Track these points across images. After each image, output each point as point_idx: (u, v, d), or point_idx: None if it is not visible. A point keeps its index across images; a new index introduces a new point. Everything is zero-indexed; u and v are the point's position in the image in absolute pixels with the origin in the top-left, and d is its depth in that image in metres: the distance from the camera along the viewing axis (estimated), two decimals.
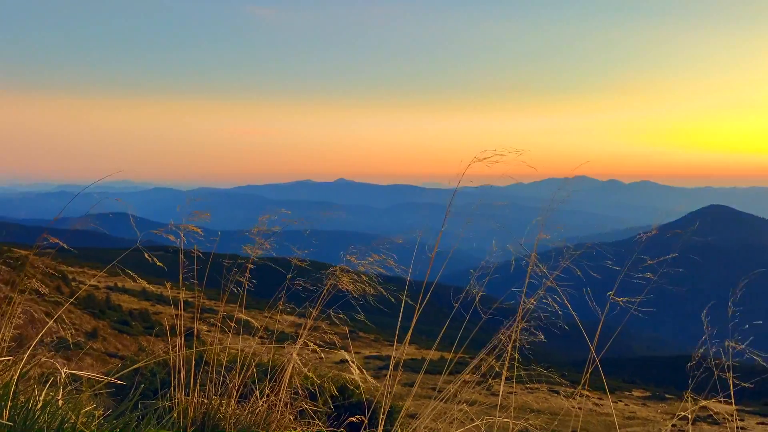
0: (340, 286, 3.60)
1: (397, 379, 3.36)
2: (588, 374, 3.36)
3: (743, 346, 3.18)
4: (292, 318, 4.06)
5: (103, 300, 35.79)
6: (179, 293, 3.62)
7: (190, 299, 3.82)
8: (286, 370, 3.52)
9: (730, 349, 3.23)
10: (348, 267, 3.61)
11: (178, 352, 3.40)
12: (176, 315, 3.54)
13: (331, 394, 3.92)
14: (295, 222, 3.93)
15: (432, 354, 4.52)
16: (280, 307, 3.89)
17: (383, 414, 3.16)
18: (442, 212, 3.40)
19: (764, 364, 3.21)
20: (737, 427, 3.78)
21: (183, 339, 3.49)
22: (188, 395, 3.36)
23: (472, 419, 3.38)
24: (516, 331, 3.31)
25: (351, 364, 3.26)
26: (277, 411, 3.48)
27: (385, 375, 3.38)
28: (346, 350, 3.70)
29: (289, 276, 3.77)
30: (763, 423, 25.13)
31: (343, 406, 4.42)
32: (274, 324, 3.92)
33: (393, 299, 3.52)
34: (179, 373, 3.38)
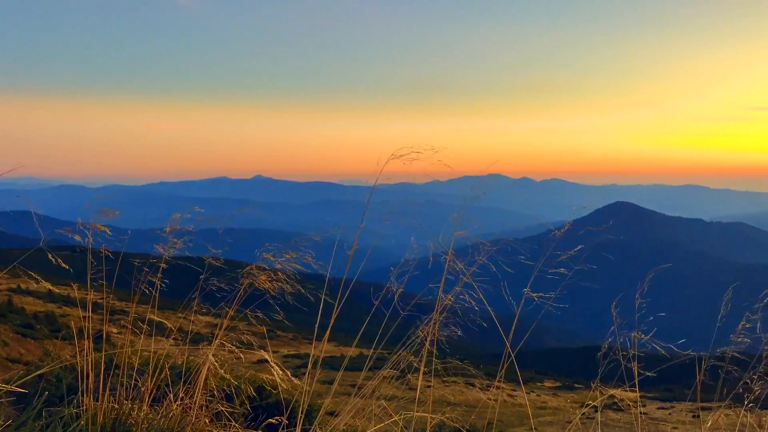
0: (257, 285, 3.54)
1: (316, 377, 3.34)
2: (505, 367, 3.44)
3: (647, 338, 3.36)
4: (207, 318, 3.97)
5: (4, 303, 33.84)
6: (87, 294, 3.47)
7: (99, 300, 3.67)
8: (201, 371, 3.44)
9: (636, 340, 3.39)
10: (265, 265, 3.56)
11: (86, 355, 3.26)
12: (84, 317, 3.40)
13: (248, 395, 3.86)
14: (209, 220, 3.84)
15: (351, 351, 4.52)
16: (195, 307, 3.80)
17: (301, 413, 3.14)
18: (362, 210, 3.40)
19: (666, 354, 3.40)
20: (640, 413, 3.98)
21: (92, 342, 3.34)
22: (97, 400, 3.23)
23: (390, 415, 3.40)
24: (433, 326, 3.36)
25: (272, 365, 3.22)
26: (192, 414, 3.40)
27: (304, 373, 3.36)
28: (264, 350, 3.65)
29: (203, 276, 3.68)
30: (662, 408, 26.58)
31: (261, 407, 4.36)
32: (189, 325, 3.81)
33: (312, 297, 3.50)
34: (87, 377, 3.24)
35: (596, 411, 3.70)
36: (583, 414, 4.06)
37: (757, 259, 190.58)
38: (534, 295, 3.35)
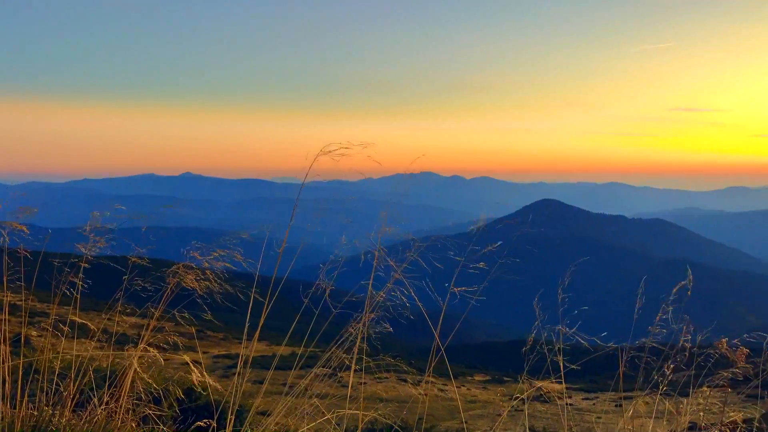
0: (185, 285, 3.46)
1: (246, 377, 3.30)
2: (434, 362, 3.49)
3: (572, 331, 3.47)
4: (133, 319, 3.86)
5: None
6: (4, 297, 3.32)
7: (17, 303, 3.52)
8: (127, 374, 3.34)
9: (561, 334, 3.51)
10: (192, 264, 3.49)
11: (4, 361, 3.12)
12: (1, 320, 3.25)
13: (177, 398, 3.77)
14: (135, 217, 3.73)
15: (283, 350, 4.48)
16: (119, 308, 3.68)
17: (232, 414, 3.09)
18: (293, 207, 3.38)
19: (589, 346, 3.53)
20: (566, 404, 4.11)
21: (9, 346, 3.20)
22: (15, 408, 3.09)
23: (323, 413, 3.39)
24: (365, 323, 3.37)
25: (192, 367, 3.15)
26: (118, 418, 3.30)
27: (235, 373, 3.31)
28: (193, 351, 3.58)
29: (126, 276, 3.57)
30: (587, 398, 27.52)
31: (191, 409, 4.28)
32: (114, 326, 3.70)
33: (242, 296, 3.45)
34: (4, 384, 3.10)
35: (524, 403, 3.79)
36: (512, 407, 4.17)
37: (675, 254, 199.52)
38: (456, 289, 3.40)
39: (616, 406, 19.79)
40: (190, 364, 3.25)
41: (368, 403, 3.65)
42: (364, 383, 3.65)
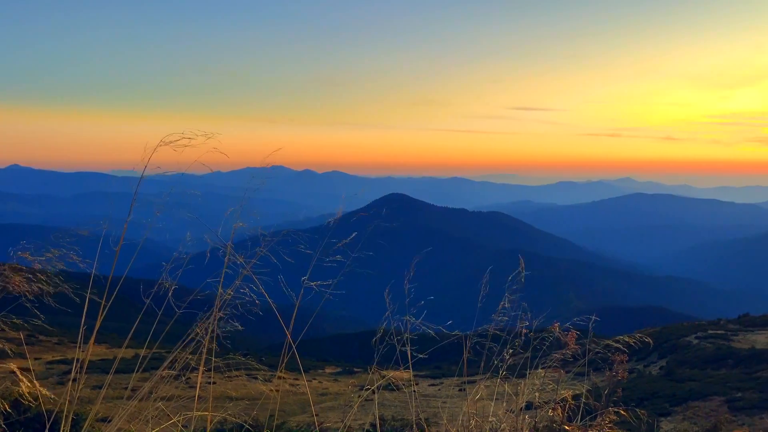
0: (11, 288, 3.17)
1: (83, 382, 3.09)
2: (286, 357, 3.47)
3: (419, 321, 3.60)
4: None
5: None
6: None
7: None
8: None
9: (408, 324, 3.62)
10: (19, 265, 3.19)
11: None
12: None
13: (1, 411, 3.45)
14: None
15: (124, 352, 4.25)
16: None
17: (66, 424, 2.88)
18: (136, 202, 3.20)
19: (435, 335, 3.67)
20: (413, 391, 4.26)
21: None
22: None
23: (168, 416, 3.26)
24: (213, 322, 3.27)
25: (20, 374, 2.90)
26: None
27: (71, 380, 3.09)
28: (23, 357, 3.29)
29: None
30: (433, 384, 28.71)
31: (19, 422, 3.93)
32: None
33: (77, 298, 3.21)
34: None
35: (374, 393, 3.87)
36: (363, 397, 4.25)
37: (511, 244, 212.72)
38: (313, 284, 3.40)
39: (459, 390, 20.82)
40: (18, 373, 2.99)
41: (217, 402, 3.55)
42: (213, 383, 3.55)
